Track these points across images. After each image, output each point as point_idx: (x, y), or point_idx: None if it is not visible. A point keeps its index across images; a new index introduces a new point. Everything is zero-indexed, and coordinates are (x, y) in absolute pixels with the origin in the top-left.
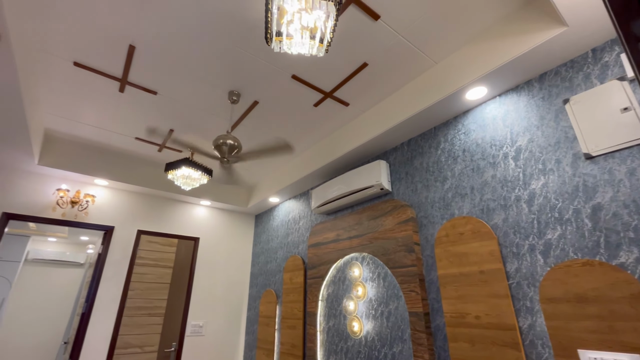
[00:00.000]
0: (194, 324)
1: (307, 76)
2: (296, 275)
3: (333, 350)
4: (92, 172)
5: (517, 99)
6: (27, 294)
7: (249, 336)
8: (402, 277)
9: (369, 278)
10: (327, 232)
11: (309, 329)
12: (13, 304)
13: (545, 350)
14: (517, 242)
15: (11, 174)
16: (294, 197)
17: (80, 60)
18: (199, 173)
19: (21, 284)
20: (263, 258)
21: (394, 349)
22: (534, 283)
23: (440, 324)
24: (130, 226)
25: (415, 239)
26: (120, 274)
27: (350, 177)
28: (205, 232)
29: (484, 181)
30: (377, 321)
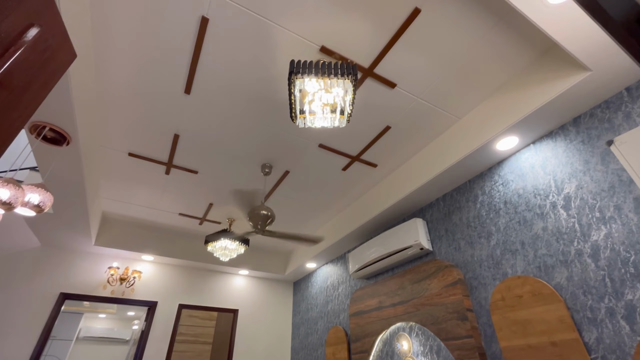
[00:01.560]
0: None
1: (333, 144)
2: (339, 350)
3: None
4: (140, 249)
5: (554, 145)
6: None
7: None
8: (458, 352)
9: (420, 352)
10: (369, 299)
11: None
12: None
13: None
14: (591, 305)
15: (70, 255)
16: (331, 262)
17: (133, 151)
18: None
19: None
20: (303, 330)
21: None
22: (625, 357)
23: None
24: (173, 300)
25: (467, 304)
26: (161, 352)
27: (387, 238)
28: (244, 302)
29: (535, 234)
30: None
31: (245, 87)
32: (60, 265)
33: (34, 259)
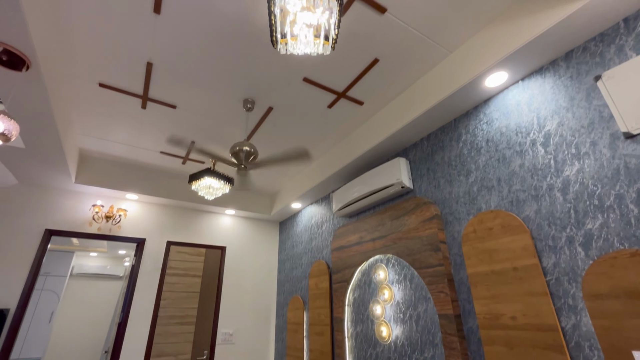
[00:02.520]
0: (224, 332)
1: (318, 78)
2: (321, 281)
3: (362, 356)
4: (124, 187)
5: (542, 82)
6: (72, 306)
7: (278, 344)
8: (429, 278)
9: (395, 280)
10: (350, 235)
11: (337, 335)
12: (62, 317)
13: (594, 352)
14: (553, 235)
15: (51, 193)
16: (315, 202)
17: (104, 81)
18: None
19: (68, 297)
20: (289, 264)
21: (425, 354)
22: (576, 278)
23: (474, 327)
24: (160, 238)
25: (441, 237)
26: (152, 285)
27: (369, 177)
28: (232, 240)
29: (512, 171)
30: (406, 325)
31: (221, 7)
32: (42, 202)
33: (14, 196)
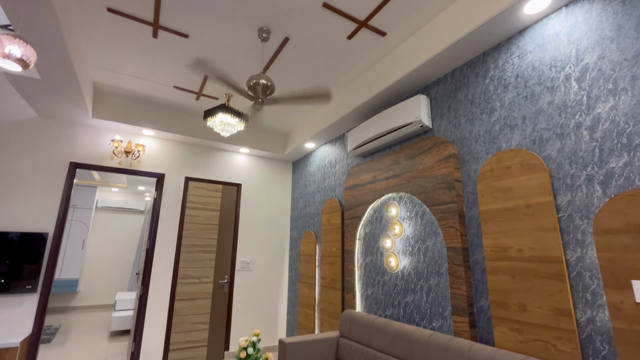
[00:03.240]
0: (242, 260)
1: (339, 3)
2: (334, 217)
3: (370, 283)
4: (139, 123)
5: (589, 7)
6: (100, 235)
7: (292, 272)
8: (440, 214)
9: (406, 217)
10: (364, 174)
11: (347, 265)
12: (92, 245)
13: (593, 281)
14: (573, 174)
15: (71, 127)
16: (329, 142)
17: (112, 6)
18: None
19: (95, 227)
20: (302, 202)
21: (430, 281)
22: (588, 215)
23: (479, 258)
24: (179, 173)
25: (456, 175)
26: (174, 216)
27: (387, 116)
28: (247, 178)
29: (539, 109)
30: (414, 257)
31: None
32: (64, 136)
33: (37, 130)
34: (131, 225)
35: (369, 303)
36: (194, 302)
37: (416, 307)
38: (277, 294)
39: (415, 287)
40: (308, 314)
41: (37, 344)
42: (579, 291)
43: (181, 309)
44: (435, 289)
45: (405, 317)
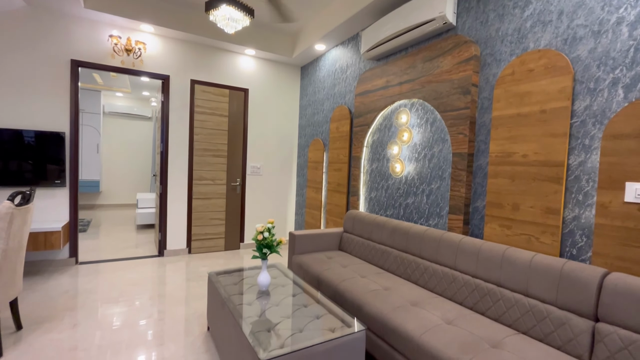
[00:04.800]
0: (252, 166)
1: None
2: (342, 125)
3: (374, 187)
4: (137, 17)
5: None
6: (113, 140)
7: (299, 178)
8: (451, 121)
9: (416, 124)
10: (376, 79)
11: (353, 171)
12: (107, 149)
13: (588, 184)
14: (599, 77)
15: (64, 19)
16: (341, 44)
17: None
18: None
19: (107, 132)
20: (310, 110)
21: (432, 185)
22: (602, 121)
23: (483, 164)
24: (184, 75)
25: (474, 80)
26: (184, 120)
27: (408, 11)
28: (254, 84)
29: (579, 2)
30: (419, 163)
31: None
32: (58, 29)
33: (26, 21)
34: (141, 131)
35: (372, 205)
36: (210, 201)
37: (416, 207)
38: (285, 197)
39: (417, 191)
40: (315, 214)
41: (76, 230)
42: (572, 192)
43: (199, 207)
44: (436, 192)
45: (405, 217)
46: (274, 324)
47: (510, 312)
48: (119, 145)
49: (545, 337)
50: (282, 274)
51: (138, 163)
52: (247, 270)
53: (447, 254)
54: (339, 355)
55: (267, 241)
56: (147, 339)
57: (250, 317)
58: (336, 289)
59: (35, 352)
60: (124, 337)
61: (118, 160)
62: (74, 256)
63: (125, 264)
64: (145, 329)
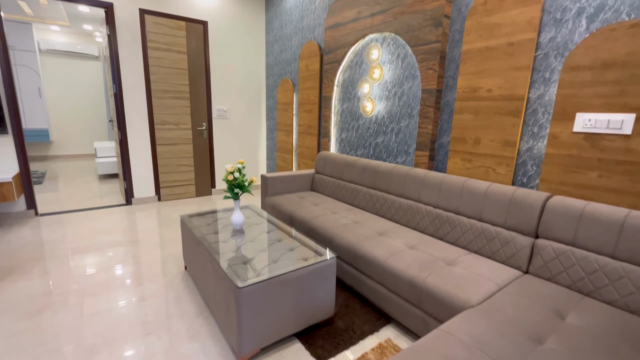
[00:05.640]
0: (218, 109)
1: None
2: (312, 62)
3: (345, 128)
4: None
5: None
6: (57, 83)
7: (269, 121)
8: (422, 56)
9: (388, 60)
10: (347, 10)
11: (324, 112)
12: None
13: (544, 116)
14: (566, 6)
15: None
16: None
17: None
18: None
19: (48, 75)
20: (277, 47)
21: (401, 123)
22: (563, 53)
23: (450, 100)
24: (131, 4)
25: (447, 10)
26: (136, 57)
27: None
28: (213, 16)
29: None
30: (389, 101)
31: None
32: None
33: None
34: (88, 72)
35: (343, 145)
36: (175, 147)
37: (385, 146)
38: (256, 142)
39: (386, 130)
40: (286, 158)
41: (29, 181)
42: (529, 125)
43: (164, 153)
44: (404, 130)
45: (374, 156)
46: (249, 257)
47: (465, 236)
48: (64, 89)
49: (493, 254)
50: (256, 213)
51: (91, 109)
52: (220, 212)
53: (413, 188)
54: (312, 280)
55: (238, 181)
56: (125, 281)
57: (226, 253)
58: (309, 225)
59: (6, 300)
60: (101, 280)
61: (67, 106)
62: (32, 208)
63: (91, 213)
64: (122, 272)
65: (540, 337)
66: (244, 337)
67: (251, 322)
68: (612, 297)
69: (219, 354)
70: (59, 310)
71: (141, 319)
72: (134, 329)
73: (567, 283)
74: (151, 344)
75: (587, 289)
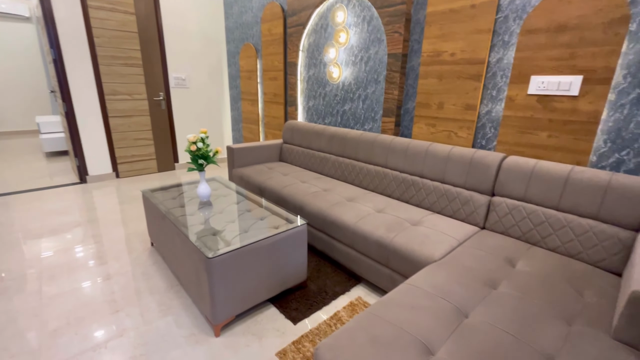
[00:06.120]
0: (176, 77)
1: None
2: (275, 26)
3: (312, 95)
4: None
5: None
6: None
7: (233, 90)
8: (388, 18)
9: (353, 23)
10: None
11: (289, 79)
12: None
13: (502, 80)
14: None
15: None
16: None
17: None
18: None
19: None
20: (237, 8)
21: (368, 90)
22: (522, 16)
23: (415, 65)
24: None
25: None
26: (75, 17)
27: None
28: None
29: None
30: (356, 67)
31: None
32: None
33: None
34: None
35: (310, 114)
36: (131, 119)
37: (352, 114)
38: (219, 112)
39: (353, 96)
40: (252, 128)
41: None
42: (488, 89)
43: (119, 126)
44: (371, 96)
45: (342, 123)
46: (219, 229)
47: (429, 198)
48: None
49: (454, 213)
50: (223, 185)
51: (28, 79)
52: (185, 185)
53: (380, 155)
54: (284, 247)
55: (202, 152)
56: (87, 261)
57: (195, 226)
58: (278, 194)
59: None
60: (59, 262)
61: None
62: None
63: (41, 194)
64: (83, 253)
65: (494, 283)
66: (217, 306)
67: (224, 291)
68: (555, 244)
69: (193, 324)
70: (14, 296)
71: (108, 298)
72: (101, 308)
73: (518, 235)
74: (121, 320)
75: (535, 239)
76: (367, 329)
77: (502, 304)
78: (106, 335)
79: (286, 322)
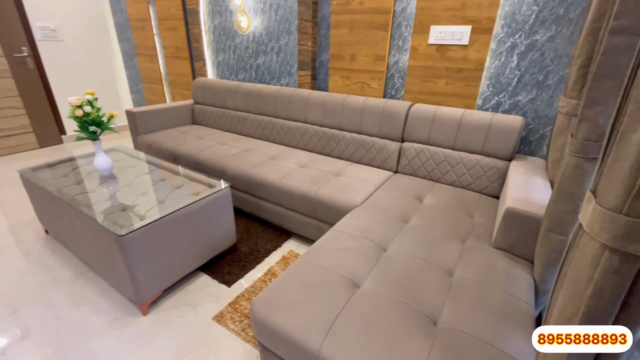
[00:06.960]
0: (42, 26)
1: None
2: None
3: (221, 49)
4: None
5: None
6: None
7: (123, 44)
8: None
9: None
10: None
11: (192, 29)
12: None
13: (407, 30)
14: None
15: None
16: None
17: None
18: None
19: None
20: None
21: (280, 41)
22: None
23: (327, 13)
24: None
25: None
26: None
27: None
28: None
29: None
30: (265, 15)
31: None
32: None
33: None
34: None
35: (221, 70)
36: None
37: (267, 68)
38: (111, 71)
39: (266, 49)
40: (156, 89)
41: None
42: (395, 39)
43: None
44: (285, 48)
45: (257, 79)
46: (129, 204)
47: (348, 149)
48: None
49: (370, 161)
50: (128, 155)
51: None
52: (79, 159)
53: (299, 110)
54: (207, 214)
55: (92, 117)
56: None
57: (98, 203)
58: (195, 159)
59: None
60: None
61: None
62: None
63: None
64: None
65: (406, 218)
66: (139, 285)
67: (144, 268)
68: (452, 179)
69: (115, 308)
70: None
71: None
72: None
73: (424, 174)
74: (21, 321)
75: (437, 176)
76: (298, 277)
77: (413, 234)
78: (5, 341)
79: (220, 286)
